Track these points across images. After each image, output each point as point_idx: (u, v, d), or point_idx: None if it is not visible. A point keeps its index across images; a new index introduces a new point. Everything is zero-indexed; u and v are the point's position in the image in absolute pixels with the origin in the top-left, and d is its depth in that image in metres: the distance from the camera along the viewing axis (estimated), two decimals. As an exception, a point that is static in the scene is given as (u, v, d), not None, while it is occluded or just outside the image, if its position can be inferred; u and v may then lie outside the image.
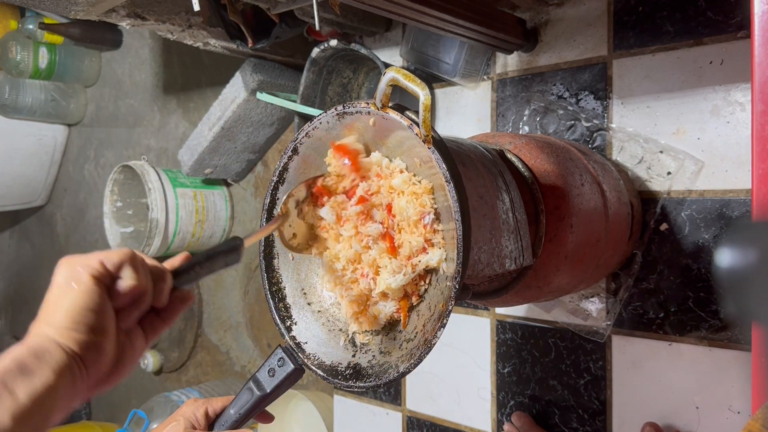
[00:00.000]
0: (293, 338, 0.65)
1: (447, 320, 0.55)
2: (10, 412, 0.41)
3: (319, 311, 0.67)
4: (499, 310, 1.17)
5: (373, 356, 0.62)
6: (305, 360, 0.64)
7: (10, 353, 0.44)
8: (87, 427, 2.01)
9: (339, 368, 0.62)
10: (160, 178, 1.69)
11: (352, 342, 0.64)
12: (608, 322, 1.02)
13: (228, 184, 1.84)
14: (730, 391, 0.91)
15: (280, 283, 0.68)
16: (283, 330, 0.66)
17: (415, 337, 0.60)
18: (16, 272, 2.69)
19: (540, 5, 1.09)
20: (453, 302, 0.54)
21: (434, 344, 0.55)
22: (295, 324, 0.66)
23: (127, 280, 0.47)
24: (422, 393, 1.28)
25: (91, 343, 0.45)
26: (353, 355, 0.63)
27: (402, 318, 0.62)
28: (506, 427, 1.11)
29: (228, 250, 0.53)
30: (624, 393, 1.01)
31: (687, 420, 0.95)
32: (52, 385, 0.43)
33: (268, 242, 0.67)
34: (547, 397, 1.10)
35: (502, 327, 1.16)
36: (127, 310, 0.48)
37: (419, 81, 0.55)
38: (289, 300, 0.67)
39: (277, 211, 0.67)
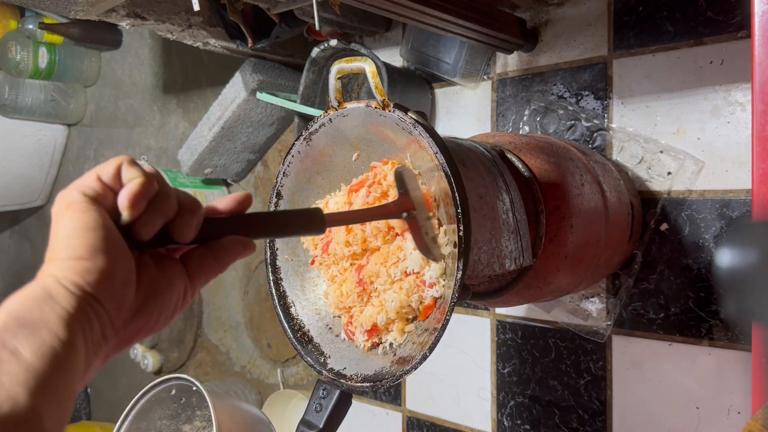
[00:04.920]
0: (331, 370, 0.63)
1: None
2: (22, 380, 0.31)
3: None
4: (499, 310, 1.17)
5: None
6: (348, 383, 0.61)
7: (3, 306, 0.34)
8: (87, 427, 2.01)
9: (384, 372, 0.60)
10: (160, 178, 1.69)
11: (390, 344, 0.64)
12: (608, 322, 1.02)
13: (228, 184, 1.84)
14: (730, 391, 0.91)
15: (303, 327, 0.67)
16: (318, 368, 0.64)
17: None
18: (16, 272, 2.69)
19: (540, 5, 1.09)
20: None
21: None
22: (329, 358, 0.65)
23: (130, 183, 0.38)
24: (422, 393, 1.28)
25: (99, 270, 0.36)
26: (395, 354, 0.62)
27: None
28: None
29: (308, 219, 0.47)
30: (624, 393, 1.01)
31: (687, 420, 0.95)
32: (64, 339, 0.34)
33: (280, 293, 0.67)
34: (547, 397, 1.10)
35: (502, 327, 1.16)
36: (143, 221, 0.39)
37: (360, 57, 0.57)
38: (316, 340, 0.66)
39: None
